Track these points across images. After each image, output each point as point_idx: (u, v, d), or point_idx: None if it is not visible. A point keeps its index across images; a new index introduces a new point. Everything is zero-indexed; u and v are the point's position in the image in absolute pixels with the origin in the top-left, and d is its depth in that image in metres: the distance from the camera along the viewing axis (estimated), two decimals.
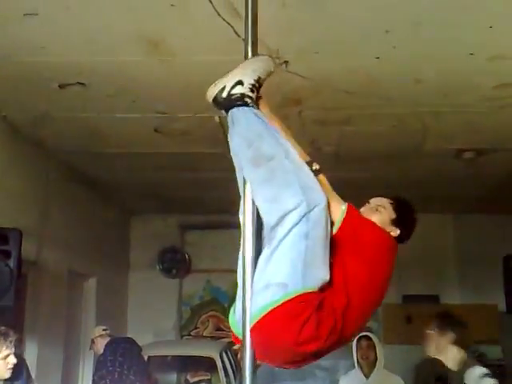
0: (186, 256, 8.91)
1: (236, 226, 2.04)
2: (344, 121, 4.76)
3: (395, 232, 2.14)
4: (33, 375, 4.82)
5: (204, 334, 8.83)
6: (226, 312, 8.78)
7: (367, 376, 4.44)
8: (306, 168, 1.95)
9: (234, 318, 2.02)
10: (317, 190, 1.88)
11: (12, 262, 4.57)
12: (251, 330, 1.83)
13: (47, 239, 5.94)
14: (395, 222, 2.16)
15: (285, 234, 1.82)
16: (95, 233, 7.40)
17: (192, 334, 8.89)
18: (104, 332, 5.49)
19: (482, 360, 6.49)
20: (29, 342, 5.67)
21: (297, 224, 1.81)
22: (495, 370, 6.70)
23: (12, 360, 3.58)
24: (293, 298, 1.79)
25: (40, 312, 5.94)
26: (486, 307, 7.71)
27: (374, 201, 2.20)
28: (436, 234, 8.23)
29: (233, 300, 2.06)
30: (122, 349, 5.32)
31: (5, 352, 3.55)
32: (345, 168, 5.96)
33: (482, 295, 7.63)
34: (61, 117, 4.75)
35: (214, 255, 8.49)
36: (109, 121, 4.83)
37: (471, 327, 7.80)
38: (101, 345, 5.36)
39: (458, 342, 3.31)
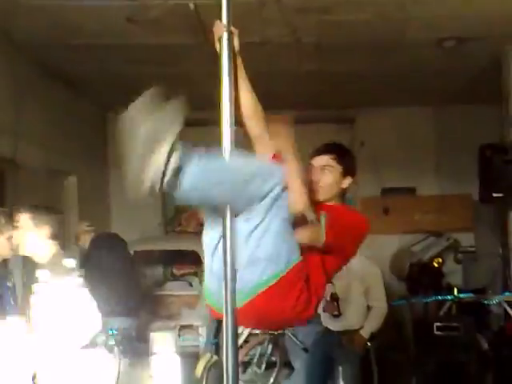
0: None
1: (214, 122, 2.00)
2: (324, 9, 4.60)
3: (349, 180, 2.29)
4: None
5: (188, 231, 8.99)
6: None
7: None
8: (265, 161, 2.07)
9: (211, 295, 2.11)
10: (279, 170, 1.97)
11: None
12: (246, 305, 1.94)
13: (23, 136, 5.84)
14: (344, 173, 2.29)
15: (265, 210, 1.90)
16: (72, 130, 7.28)
17: (176, 230, 9.05)
18: (88, 228, 5.51)
19: (456, 247, 6.79)
20: None
21: (275, 201, 1.91)
22: (468, 256, 7.06)
23: None
24: (287, 273, 1.94)
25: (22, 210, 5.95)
26: (461, 197, 7.92)
27: (318, 162, 2.29)
28: (416, 127, 8.26)
29: None
30: (107, 243, 5.40)
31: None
32: (326, 60, 5.85)
33: (458, 186, 7.79)
34: (28, 5, 4.50)
35: None
36: (78, 9, 4.60)
37: (447, 216, 8.10)
38: (85, 240, 5.40)
39: None
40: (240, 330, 5.48)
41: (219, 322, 2.23)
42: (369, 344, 4.60)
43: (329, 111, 8.22)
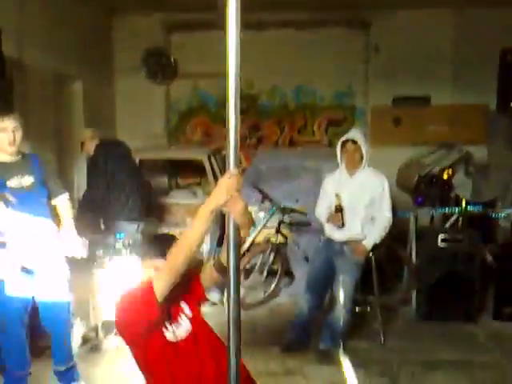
0: (172, 59, 8.57)
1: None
2: None
3: None
4: None
5: (193, 139, 8.85)
6: (214, 118, 8.89)
7: (352, 175, 4.45)
8: None
9: None
10: None
11: None
12: None
13: (28, 37, 5.72)
14: None
15: None
16: (77, 34, 7.05)
17: (181, 139, 8.91)
18: (93, 134, 5.39)
19: (468, 159, 6.59)
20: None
21: None
22: (480, 169, 6.87)
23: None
24: None
25: (29, 116, 5.84)
26: (476, 107, 7.62)
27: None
28: (433, 32, 7.83)
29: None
30: (113, 150, 5.31)
31: None
32: None
33: (475, 96, 7.47)
34: None
35: (202, 58, 8.12)
36: None
37: (461, 128, 7.85)
38: (91, 146, 5.29)
39: None
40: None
41: (222, 230, 2.17)
42: (371, 254, 4.54)
43: (342, 12, 7.80)
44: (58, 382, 3.77)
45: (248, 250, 5.49)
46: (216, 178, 6.71)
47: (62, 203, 3.74)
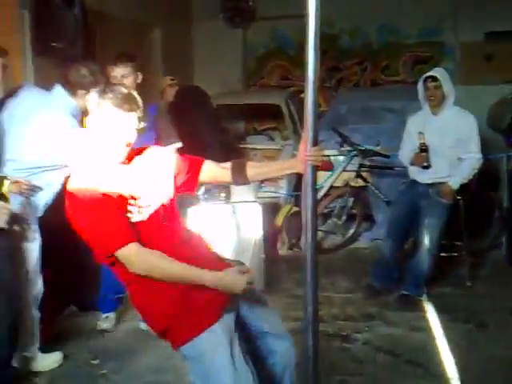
0: (250, 2, 8.37)
1: None
2: None
3: None
4: None
5: (270, 84, 8.70)
6: (292, 61, 8.66)
7: (436, 114, 4.19)
8: None
9: None
10: None
11: (76, 10, 4.40)
12: None
13: None
14: None
15: None
16: None
17: (258, 84, 8.78)
18: (172, 81, 5.43)
19: None
20: None
21: None
22: None
23: None
24: None
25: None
26: None
27: None
28: None
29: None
30: (192, 96, 5.32)
31: None
32: None
33: None
34: None
35: (280, 0, 7.87)
36: None
37: None
38: (170, 94, 5.34)
39: None
40: (320, 182, 5.36)
41: (299, 175, 2.05)
42: (459, 197, 4.30)
43: None
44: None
45: (326, 194, 5.38)
46: (294, 123, 6.58)
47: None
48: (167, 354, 3.08)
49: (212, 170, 2.25)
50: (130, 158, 2.10)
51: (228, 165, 2.23)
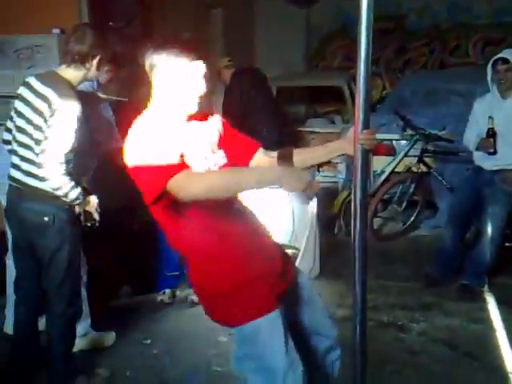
0: None
1: None
2: None
3: None
4: None
5: (333, 65, 8.53)
6: (355, 41, 8.40)
7: (504, 98, 3.98)
8: None
9: None
10: None
11: None
12: None
13: None
14: None
15: None
16: None
17: (320, 65, 8.63)
18: (229, 63, 5.40)
19: None
20: None
21: None
22: None
23: None
24: None
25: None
26: None
27: None
28: None
29: None
30: (249, 78, 5.26)
31: None
32: None
33: None
34: None
35: None
36: None
37: None
38: (227, 75, 5.32)
39: None
40: (381, 167, 5.22)
41: None
42: None
43: None
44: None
45: (387, 179, 5.23)
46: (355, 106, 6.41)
47: None
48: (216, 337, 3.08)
49: (260, 159, 2.21)
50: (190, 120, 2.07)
51: (275, 154, 2.19)
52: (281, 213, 4.09)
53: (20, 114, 2.70)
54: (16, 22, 3.90)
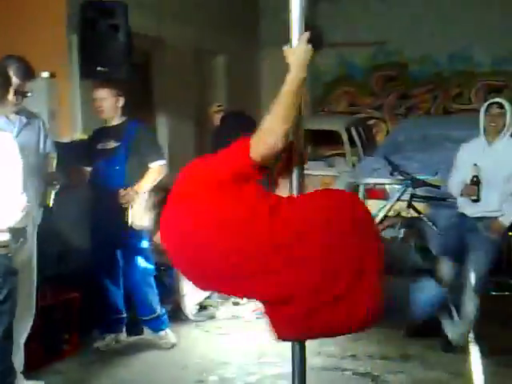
0: (319, 29, 8.33)
1: None
2: None
3: None
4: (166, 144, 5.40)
5: (337, 110, 8.60)
6: (359, 88, 8.53)
7: (491, 144, 3.95)
8: None
9: None
10: None
11: (121, 35, 4.54)
12: None
13: (168, 13, 5.92)
14: None
15: None
16: (220, 5, 7.13)
17: (325, 110, 8.70)
18: (218, 108, 5.59)
19: None
20: (159, 115, 6.14)
21: None
22: None
23: None
24: None
25: (168, 89, 6.11)
26: None
27: None
28: None
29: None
30: (236, 122, 5.36)
31: None
32: None
33: None
34: None
35: (348, 27, 7.81)
36: None
37: None
38: (217, 118, 5.50)
39: None
40: (374, 211, 5.15)
41: None
42: (510, 233, 3.99)
43: None
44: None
45: (380, 222, 5.16)
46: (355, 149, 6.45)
47: (153, 169, 3.85)
48: None
49: None
50: None
51: None
52: None
53: None
54: None
